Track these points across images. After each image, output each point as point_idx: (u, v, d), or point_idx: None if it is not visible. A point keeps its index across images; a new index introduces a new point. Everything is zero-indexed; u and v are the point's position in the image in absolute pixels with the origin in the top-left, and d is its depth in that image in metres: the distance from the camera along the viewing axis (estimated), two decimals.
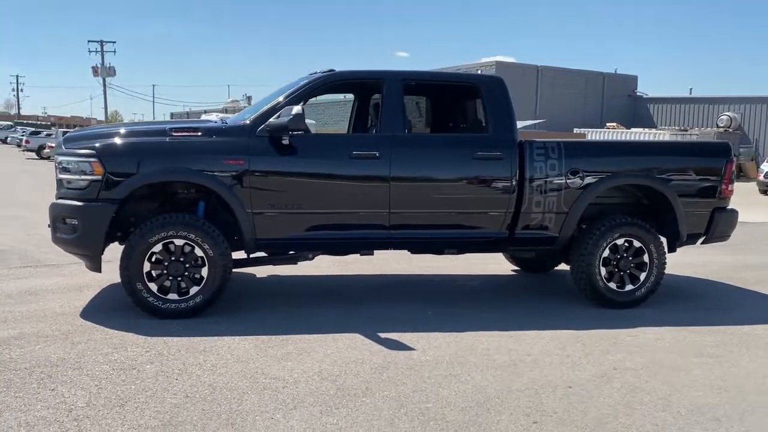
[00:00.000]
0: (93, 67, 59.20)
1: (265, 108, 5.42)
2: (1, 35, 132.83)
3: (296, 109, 5.10)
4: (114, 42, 62.85)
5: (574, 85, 40.40)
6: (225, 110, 39.34)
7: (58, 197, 5.25)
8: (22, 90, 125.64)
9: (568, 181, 5.72)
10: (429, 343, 4.73)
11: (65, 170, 5.17)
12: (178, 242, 5.12)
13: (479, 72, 37.68)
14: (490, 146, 5.62)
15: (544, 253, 6.58)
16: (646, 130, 34.40)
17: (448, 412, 3.57)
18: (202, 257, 5.15)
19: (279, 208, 5.32)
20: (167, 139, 5.22)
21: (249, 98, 57.35)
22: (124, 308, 5.24)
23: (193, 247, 5.13)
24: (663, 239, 6.17)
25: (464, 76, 5.90)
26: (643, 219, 6.14)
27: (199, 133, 5.27)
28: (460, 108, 6.47)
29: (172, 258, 5.13)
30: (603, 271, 5.85)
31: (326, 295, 6.18)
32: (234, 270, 5.43)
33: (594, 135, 33.94)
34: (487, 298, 6.37)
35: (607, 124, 36.28)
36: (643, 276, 5.92)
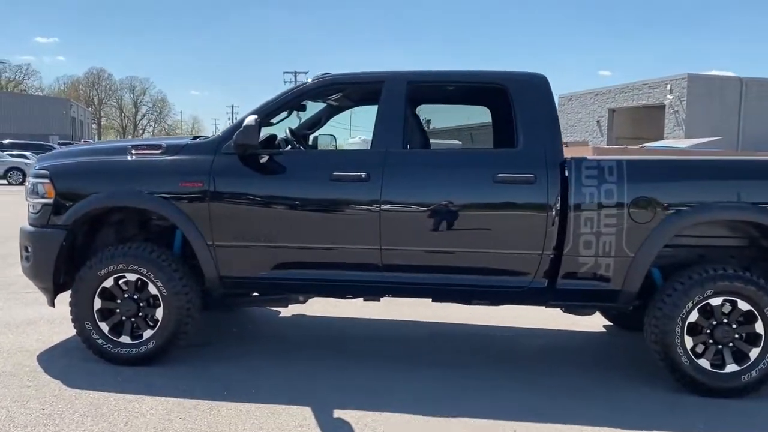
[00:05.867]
0: None
1: (237, 121, 4.54)
2: (217, 69, 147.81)
3: (248, 120, 4.16)
4: (306, 72, 66.68)
5: None
6: None
7: (28, 222, 4.81)
8: (237, 118, 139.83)
9: (631, 213, 4.10)
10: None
11: (30, 192, 4.71)
12: (131, 277, 4.41)
13: (668, 87, 33.96)
14: (519, 165, 4.19)
15: (608, 311, 4.90)
16: None
17: None
18: (156, 296, 4.39)
19: (245, 240, 4.38)
20: (126, 157, 4.54)
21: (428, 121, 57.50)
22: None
23: (147, 284, 4.39)
24: None
25: (489, 74, 4.50)
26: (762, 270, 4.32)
27: (159, 151, 4.52)
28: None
29: (125, 295, 4.43)
30: (689, 342, 4.12)
31: (328, 347, 5.08)
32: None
33: None
34: (522, 366, 4.80)
35: None
36: (755, 353, 4.08)
